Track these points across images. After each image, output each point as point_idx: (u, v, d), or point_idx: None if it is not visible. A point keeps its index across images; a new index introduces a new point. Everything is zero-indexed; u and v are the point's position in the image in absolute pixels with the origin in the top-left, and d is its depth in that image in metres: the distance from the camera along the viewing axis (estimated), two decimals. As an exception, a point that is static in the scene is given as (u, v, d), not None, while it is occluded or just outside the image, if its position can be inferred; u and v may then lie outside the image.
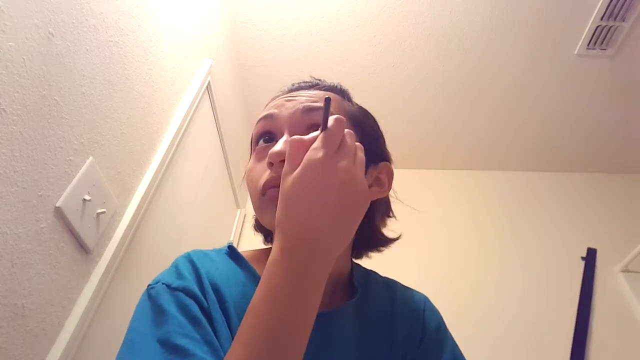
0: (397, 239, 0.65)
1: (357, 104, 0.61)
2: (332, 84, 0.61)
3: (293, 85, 0.61)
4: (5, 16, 0.60)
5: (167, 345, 0.44)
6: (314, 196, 0.40)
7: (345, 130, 0.43)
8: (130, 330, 0.48)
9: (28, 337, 0.66)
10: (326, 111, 0.42)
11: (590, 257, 1.90)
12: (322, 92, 0.58)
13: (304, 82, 0.61)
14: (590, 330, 1.68)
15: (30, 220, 0.66)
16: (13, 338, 0.63)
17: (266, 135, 0.57)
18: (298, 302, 0.40)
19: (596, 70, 1.95)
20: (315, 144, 0.41)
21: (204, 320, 0.47)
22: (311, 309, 0.40)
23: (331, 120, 0.42)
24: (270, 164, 0.50)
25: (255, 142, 0.59)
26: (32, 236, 0.67)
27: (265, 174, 0.52)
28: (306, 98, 0.56)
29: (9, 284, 0.62)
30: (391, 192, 0.62)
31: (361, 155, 0.44)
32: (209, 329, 0.47)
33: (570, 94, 2.05)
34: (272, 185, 0.51)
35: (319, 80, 0.61)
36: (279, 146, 0.50)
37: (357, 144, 0.44)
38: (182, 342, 0.44)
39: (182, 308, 0.47)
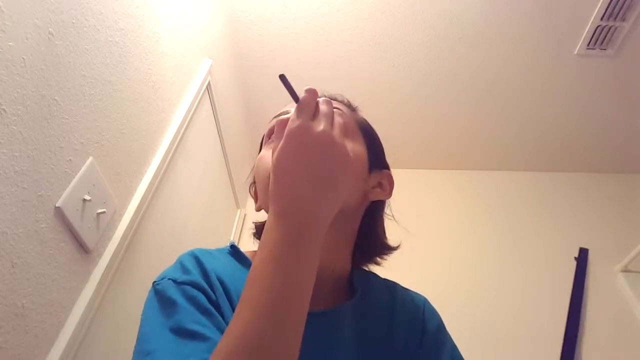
0: (396, 248, 0.66)
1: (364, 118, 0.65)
2: (343, 99, 0.65)
3: None
4: (5, 16, 0.60)
5: (180, 332, 0.44)
6: (296, 163, 0.42)
7: (322, 98, 0.45)
8: (142, 325, 0.48)
9: (28, 337, 0.66)
10: (288, 86, 0.45)
11: (582, 257, 1.90)
12: (334, 101, 0.61)
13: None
14: (590, 330, 1.68)
15: (30, 220, 0.66)
16: (13, 338, 0.63)
17: None
18: (295, 264, 0.40)
19: (596, 70, 1.95)
20: (291, 116, 0.43)
21: (213, 310, 0.48)
22: (309, 271, 0.41)
23: (303, 92, 0.44)
24: None
25: (267, 138, 0.61)
26: (32, 236, 0.67)
27: None
28: None
29: (9, 284, 0.62)
30: (387, 212, 0.65)
31: (339, 119, 0.45)
32: (220, 318, 0.47)
33: (570, 94, 2.05)
34: None
35: (331, 95, 0.64)
36: None
37: (336, 109, 0.46)
38: (195, 327, 0.44)
39: (191, 299, 0.48)
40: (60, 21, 0.72)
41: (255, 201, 0.66)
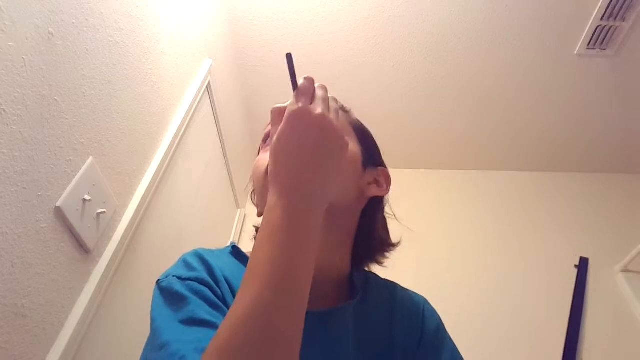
0: (397, 244, 0.66)
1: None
2: (339, 104, 0.65)
3: None
4: (5, 16, 0.60)
5: (191, 321, 0.45)
6: (296, 143, 0.43)
7: (318, 84, 0.47)
8: (152, 321, 0.48)
9: (28, 337, 0.66)
10: (291, 67, 0.47)
11: (583, 266, 1.89)
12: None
13: None
14: (590, 330, 1.68)
15: (30, 220, 0.66)
16: (13, 338, 0.63)
17: None
18: (298, 240, 0.41)
19: (596, 70, 1.95)
20: (291, 101, 0.45)
21: (220, 303, 0.48)
22: (310, 248, 0.41)
23: (301, 79, 0.46)
24: None
25: (262, 143, 0.62)
26: (32, 236, 0.67)
27: None
28: None
29: (9, 284, 0.62)
30: (388, 210, 0.66)
31: (334, 104, 0.47)
32: (227, 310, 0.47)
33: (571, 94, 2.05)
34: None
35: None
36: None
37: (331, 96, 0.48)
38: (206, 317, 0.45)
39: (198, 293, 0.48)
40: (60, 21, 0.72)
41: (257, 207, 0.66)
